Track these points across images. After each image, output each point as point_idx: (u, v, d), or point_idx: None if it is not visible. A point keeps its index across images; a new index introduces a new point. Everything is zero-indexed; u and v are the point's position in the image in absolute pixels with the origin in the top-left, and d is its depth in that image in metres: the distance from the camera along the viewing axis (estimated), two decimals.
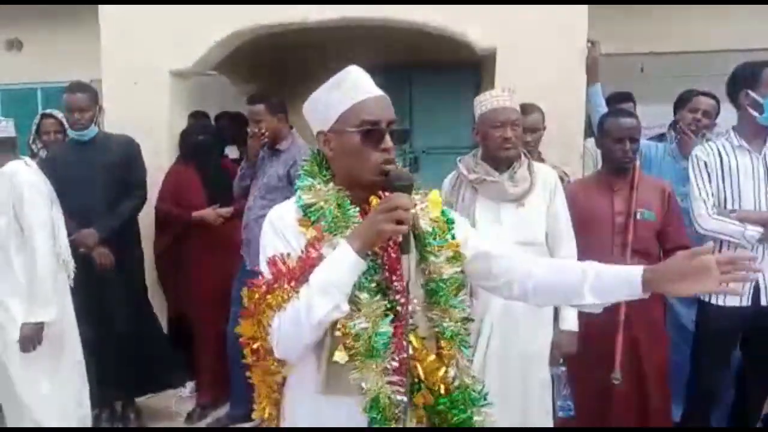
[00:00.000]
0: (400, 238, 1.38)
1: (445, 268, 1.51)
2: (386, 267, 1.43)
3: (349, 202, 1.47)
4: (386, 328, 1.39)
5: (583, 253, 2.68)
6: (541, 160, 3.12)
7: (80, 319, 3.03)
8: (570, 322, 2.59)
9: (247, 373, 1.63)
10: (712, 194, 2.85)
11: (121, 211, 3.54)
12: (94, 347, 3.15)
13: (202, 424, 3.83)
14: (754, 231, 2.73)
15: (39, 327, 2.75)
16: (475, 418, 1.51)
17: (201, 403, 3.97)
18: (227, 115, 5.66)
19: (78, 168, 3.42)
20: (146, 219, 3.93)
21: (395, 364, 1.40)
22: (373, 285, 1.41)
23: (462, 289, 1.55)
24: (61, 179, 3.07)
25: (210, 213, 3.84)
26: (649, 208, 2.79)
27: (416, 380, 1.45)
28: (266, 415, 1.66)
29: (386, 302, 1.41)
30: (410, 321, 1.44)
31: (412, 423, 1.44)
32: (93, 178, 3.45)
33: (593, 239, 2.76)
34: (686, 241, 2.84)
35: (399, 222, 1.33)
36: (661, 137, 3.98)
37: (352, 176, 1.49)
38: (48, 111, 4.06)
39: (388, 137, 1.45)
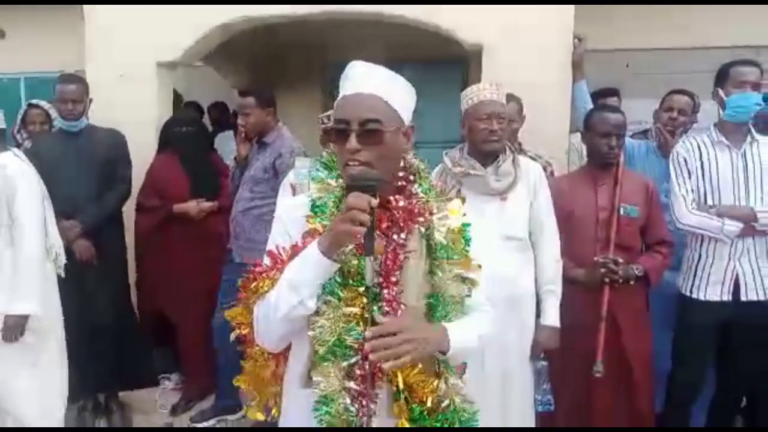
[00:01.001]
0: (362, 239, 1.32)
1: (451, 287, 1.49)
2: (381, 272, 1.41)
3: None
4: (349, 335, 1.37)
5: (567, 248, 2.74)
6: (521, 152, 3.15)
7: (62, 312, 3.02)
8: (551, 317, 2.62)
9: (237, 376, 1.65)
10: (692, 190, 2.88)
11: (105, 204, 3.51)
12: (75, 340, 3.12)
13: (187, 416, 3.83)
14: (732, 226, 2.75)
15: (22, 318, 2.73)
16: None
17: (185, 395, 3.97)
18: (220, 105, 5.65)
19: (63, 159, 3.40)
20: (130, 212, 3.90)
21: (359, 372, 1.38)
22: (361, 289, 1.39)
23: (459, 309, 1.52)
24: (46, 170, 3.04)
25: (192, 206, 3.81)
26: (632, 204, 2.82)
27: (396, 390, 1.42)
28: (259, 417, 1.67)
29: (358, 309, 1.38)
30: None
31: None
32: (78, 169, 3.42)
33: (576, 234, 2.81)
34: (667, 236, 2.92)
35: (360, 223, 1.28)
36: (645, 133, 4.01)
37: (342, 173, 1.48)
38: (34, 101, 4.03)
39: (352, 138, 1.38)
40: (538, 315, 2.66)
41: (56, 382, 2.98)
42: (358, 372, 1.38)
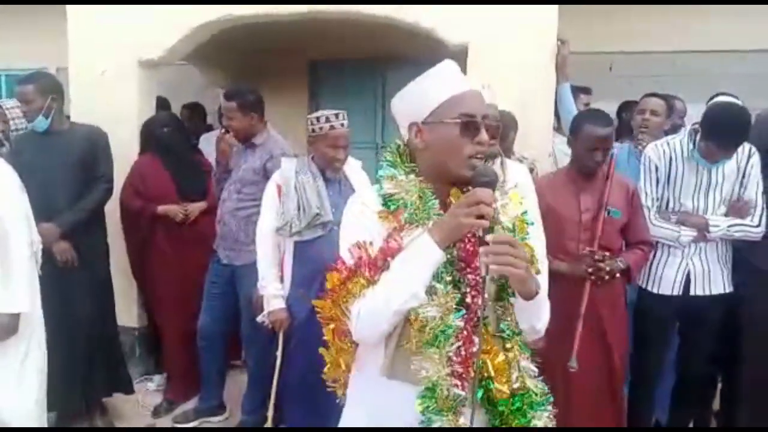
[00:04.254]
0: (480, 232, 1.37)
1: None
2: (462, 259, 1.45)
3: (430, 193, 1.48)
4: (455, 320, 1.41)
5: (549, 248, 2.74)
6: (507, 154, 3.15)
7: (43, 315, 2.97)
8: None
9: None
10: (657, 198, 3.09)
11: (85, 205, 3.45)
12: (56, 343, 3.06)
13: (169, 417, 3.81)
14: (686, 236, 3.00)
15: (15, 317, 2.69)
16: (535, 422, 1.48)
17: (168, 397, 3.95)
18: (192, 106, 5.60)
19: (40, 159, 3.34)
20: (113, 212, 3.86)
21: (460, 357, 1.42)
22: (449, 277, 1.43)
23: None
24: (23, 170, 2.98)
25: (173, 208, 3.79)
26: (615, 206, 2.85)
27: (485, 377, 1.45)
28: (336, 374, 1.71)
29: (458, 295, 1.43)
30: (483, 316, 1.44)
31: (476, 418, 1.43)
32: (56, 169, 3.36)
33: (559, 234, 2.82)
34: (648, 237, 2.98)
35: (480, 217, 1.34)
36: (615, 132, 4.05)
37: (441, 168, 1.49)
38: None
39: (483, 131, 1.46)
40: None
41: (40, 383, 2.94)
42: (456, 358, 1.42)
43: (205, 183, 3.96)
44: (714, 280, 3.05)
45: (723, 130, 2.83)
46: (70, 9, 4.20)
